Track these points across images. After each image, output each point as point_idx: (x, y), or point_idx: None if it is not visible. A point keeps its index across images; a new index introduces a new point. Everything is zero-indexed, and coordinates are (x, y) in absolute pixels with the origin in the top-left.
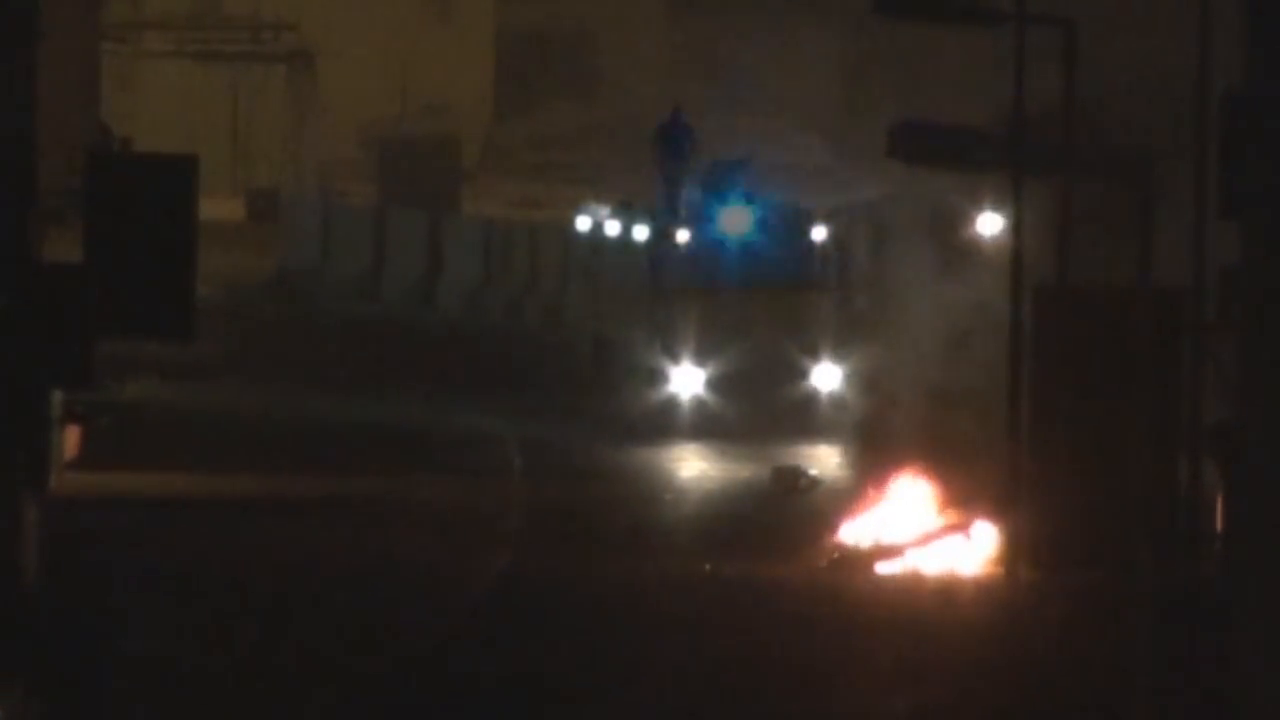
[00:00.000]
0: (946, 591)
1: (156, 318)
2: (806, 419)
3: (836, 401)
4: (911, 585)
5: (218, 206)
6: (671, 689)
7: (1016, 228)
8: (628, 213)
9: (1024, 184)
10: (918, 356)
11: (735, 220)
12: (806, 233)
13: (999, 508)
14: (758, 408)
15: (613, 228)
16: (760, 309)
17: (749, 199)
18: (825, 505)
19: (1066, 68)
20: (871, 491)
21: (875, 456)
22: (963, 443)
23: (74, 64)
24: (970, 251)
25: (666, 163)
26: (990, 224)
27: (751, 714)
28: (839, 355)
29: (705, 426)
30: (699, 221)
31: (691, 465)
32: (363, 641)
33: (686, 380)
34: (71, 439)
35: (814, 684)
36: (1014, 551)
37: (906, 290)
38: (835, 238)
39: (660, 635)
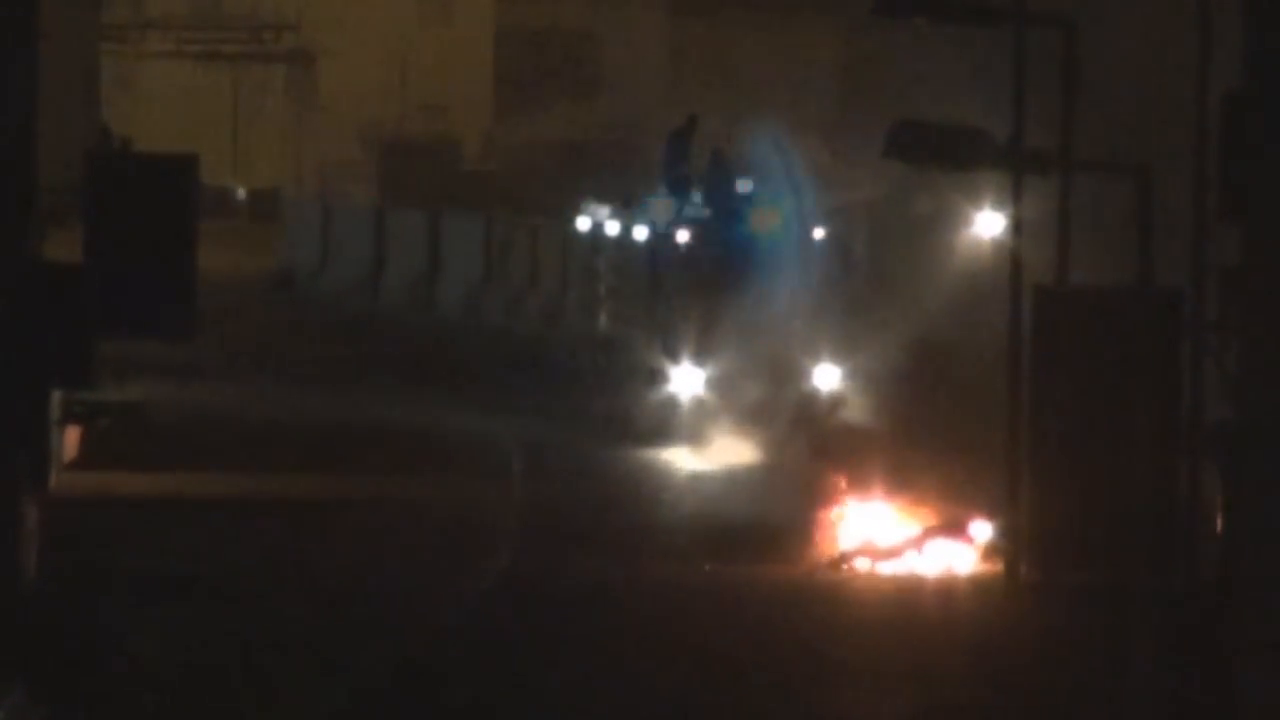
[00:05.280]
0: (945, 592)
1: (157, 318)
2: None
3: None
4: (910, 585)
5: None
6: (671, 689)
7: (1016, 227)
8: (628, 213)
9: (1022, 184)
10: (914, 355)
11: (764, 220)
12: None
13: (998, 507)
14: (758, 407)
15: (613, 228)
16: (761, 309)
17: (767, 196)
18: (824, 506)
19: (1066, 68)
20: (870, 491)
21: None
22: (959, 441)
23: (74, 64)
24: (962, 251)
25: (671, 167)
26: (990, 224)
27: (750, 715)
28: (840, 355)
29: (705, 426)
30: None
31: (691, 465)
32: (362, 641)
33: (686, 380)
34: (71, 439)
35: (813, 685)
36: (1013, 551)
37: (904, 288)
38: (835, 237)
39: (659, 635)
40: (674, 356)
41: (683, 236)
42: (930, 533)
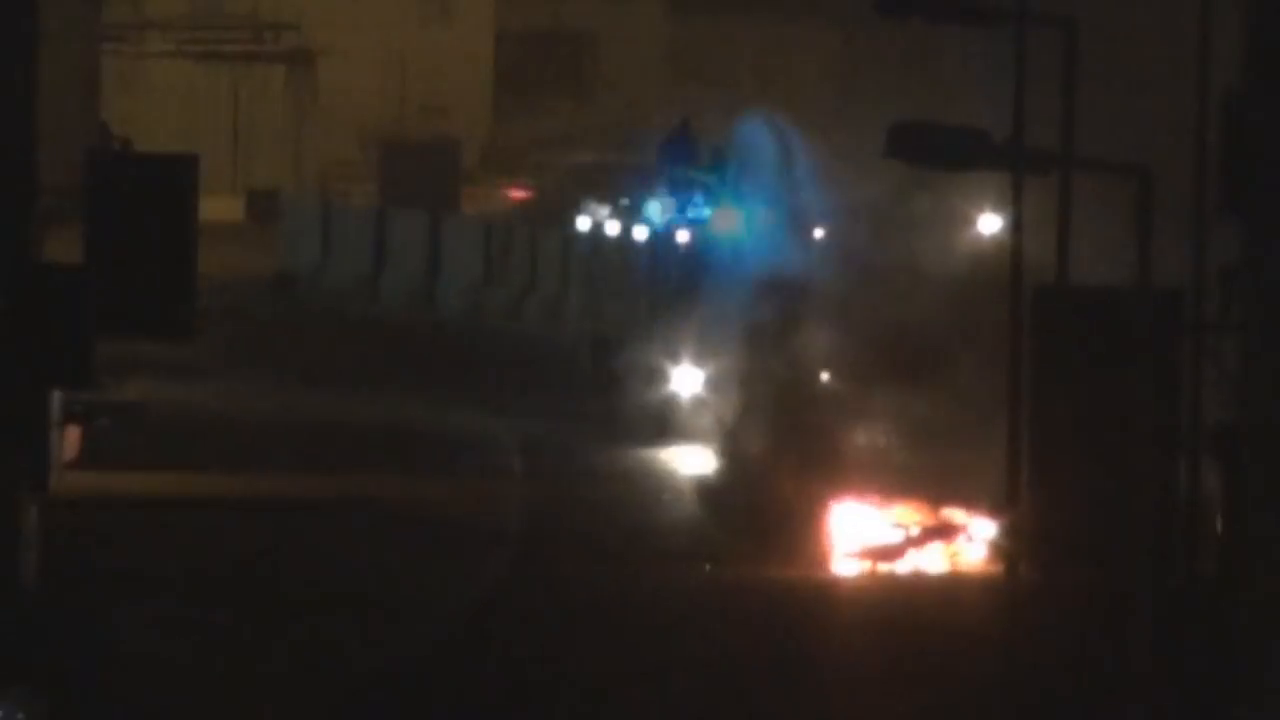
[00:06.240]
0: (946, 591)
1: (156, 317)
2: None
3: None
4: (911, 585)
5: (218, 206)
6: (671, 690)
7: (1016, 227)
8: (628, 213)
9: (1023, 184)
10: (914, 355)
11: (725, 221)
12: (807, 232)
13: (999, 506)
14: (754, 406)
15: (613, 228)
16: (761, 308)
17: (736, 198)
18: (824, 505)
19: (1067, 68)
20: (868, 491)
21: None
22: (955, 439)
23: (74, 64)
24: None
25: (672, 170)
26: (990, 224)
27: (751, 715)
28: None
29: (705, 426)
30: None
31: (691, 465)
32: (361, 642)
33: (686, 380)
34: (71, 439)
35: (813, 685)
36: (1014, 550)
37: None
38: (835, 237)
39: (659, 636)
40: (674, 356)
41: (683, 236)
42: (930, 533)
